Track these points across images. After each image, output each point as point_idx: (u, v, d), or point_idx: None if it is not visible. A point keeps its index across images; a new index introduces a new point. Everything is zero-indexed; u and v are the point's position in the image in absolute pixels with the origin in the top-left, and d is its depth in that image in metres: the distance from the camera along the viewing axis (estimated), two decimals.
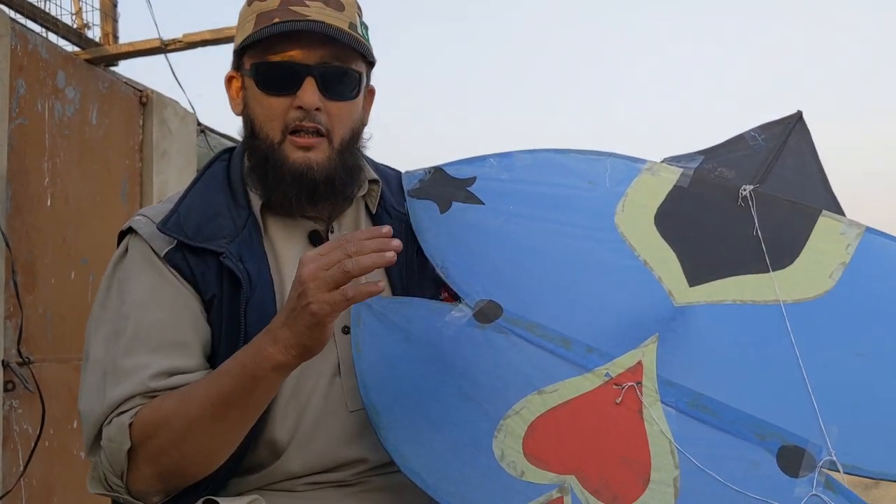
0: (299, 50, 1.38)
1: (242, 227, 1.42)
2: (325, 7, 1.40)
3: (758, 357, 1.36)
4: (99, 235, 3.47)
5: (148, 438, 1.28)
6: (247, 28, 1.42)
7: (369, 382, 1.38)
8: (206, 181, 1.50)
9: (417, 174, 1.63)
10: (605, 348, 1.39)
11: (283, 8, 1.39)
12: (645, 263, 1.49)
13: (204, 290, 1.39)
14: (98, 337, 1.39)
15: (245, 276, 1.37)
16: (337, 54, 1.40)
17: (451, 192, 1.59)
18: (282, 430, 1.39)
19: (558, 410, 1.35)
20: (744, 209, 1.51)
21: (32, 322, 3.06)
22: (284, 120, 1.40)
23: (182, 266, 1.39)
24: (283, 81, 1.40)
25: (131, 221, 1.46)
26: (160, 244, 1.40)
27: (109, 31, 3.72)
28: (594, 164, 1.62)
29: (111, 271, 1.45)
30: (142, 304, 1.37)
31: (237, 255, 1.38)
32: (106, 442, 1.30)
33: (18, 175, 3.05)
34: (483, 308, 1.47)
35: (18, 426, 3.00)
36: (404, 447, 1.33)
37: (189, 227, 1.40)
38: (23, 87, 3.09)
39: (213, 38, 3.67)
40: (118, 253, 1.46)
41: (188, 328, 1.37)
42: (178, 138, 4.06)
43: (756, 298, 1.42)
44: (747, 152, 1.58)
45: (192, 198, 1.46)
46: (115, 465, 1.30)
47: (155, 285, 1.38)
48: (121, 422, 1.29)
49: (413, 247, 1.54)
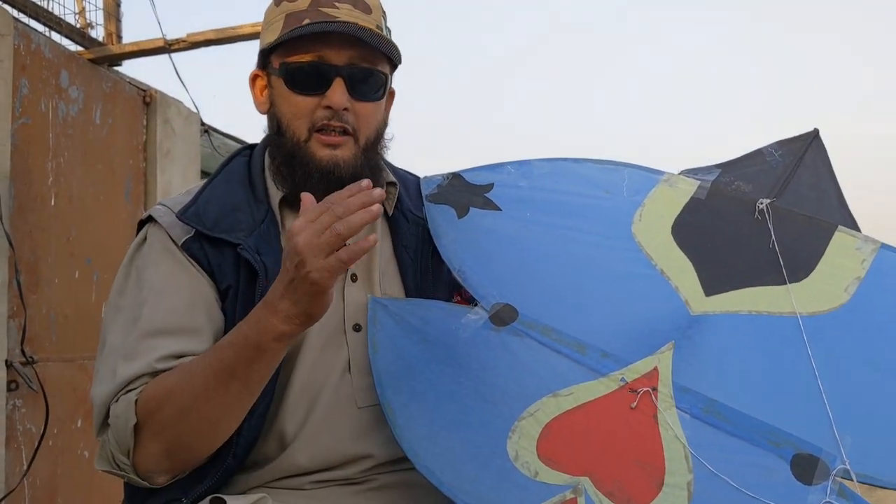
0: (329, 50, 1.41)
1: (261, 221, 1.45)
2: (353, 9, 1.43)
3: (772, 366, 1.39)
4: (103, 235, 3.47)
5: (152, 413, 1.29)
6: (275, 28, 1.44)
7: (385, 381, 1.40)
8: (226, 175, 1.52)
9: (436, 179, 1.65)
10: (620, 354, 1.41)
11: (312, 9, 1.42)
12: (662, 272, 1.52)
13: (220, 279, 1.41)
14: (116, 324, 1.40)
15: (262, 268, 1.39)
16: (365, 55, 1.43)
17: (468, 198, 1.62)
18: (291, 423, 1.40)
19: (573, 413, 1.36)
20: (760, 222, 1.54)
21: (36, 322, 3.06)
22: (312, 118, 1.42)
23: (199, 255, 1.41)
24: (312, 81, 1.42)
25: (151, 210, 1.48)
26: (178, 233, 1.42)
27: (113, 31, 3.72)
28: (612, 174, 1.65)
29: (129, 259, 1.46)
30: (158, 291, 1.39)
31: (254, 248, 1.40)
32: (113, 419, 1.31)
33: (22, 174, 3.05)
34: (499, 311, 1.48)
35: (22, 425, 2.99)
36: (419, 445, 1.34)
37: (208, 218, 1.42)
38: (26, 86, 3.09)
39: (216, 37, 3.67)
40: (137, 241, 1.48)
41: (202, 315, 1.39)
42: (181, 138, 4.06)
43: (772, 309, 1.45)
44: (764, 167, 1.62)
45: (211, 190, 1.48)
46: (121, 443, 1.30)
47: (172, 272, 1.40)
48: (128, 399, 1.30)
49: (428, 251, 1.56)
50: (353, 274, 1.49)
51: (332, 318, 1.45)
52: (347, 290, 1.48)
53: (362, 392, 1.44)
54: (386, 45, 1.43)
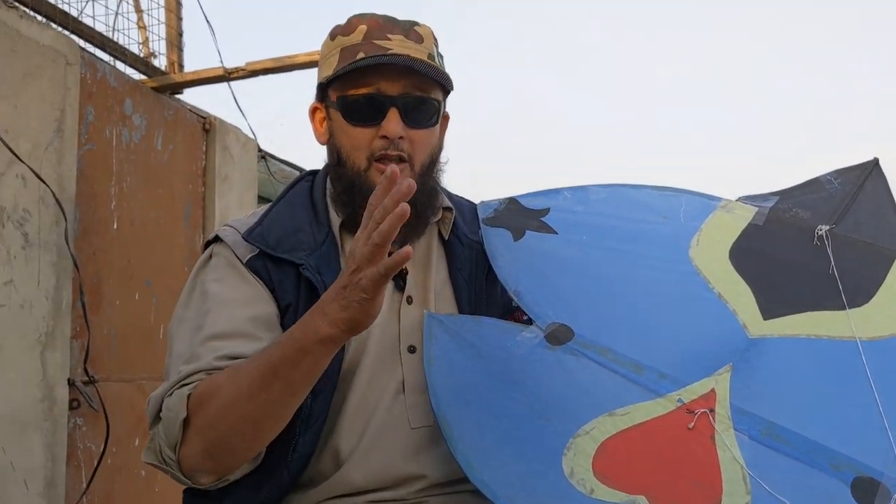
0: (383, 82, 1.45)
1: (322, 242, 1.49)
2: (405, 40, 1.47)
3: (832, 390, 1.39)
4: (162, 258, 3.54)
5: (200, 408, 1.30)
6: (331, 62, 1.49)
7: (441, 395, 1.42)
8: (289, 199, 1.57)
9: (492, 204, 1.68)
10: (677, 375, 1.42)
11: (366, 42, 1.46)
12: (719, 295, 1.52)
13: (281, 296, 1.45)
14: (180, 333, 1.44)
15: (322, 287, 1.42)
16: (418, 84, 1.47)
17: (524, 222, 1.64)
18: (345, 441, 1.43)
19: (629, 432, 1.37)
20: (819, 248, 1.55)
21: (98, 342, 3.12)
22: (370, 148, 1.47)
23: (262, 272, 1.45)
24: (368, 112, 1.47)
25: (218, 230, 1.54)
26: (243, 251, 1.47)
27: (175, 60, 3.82)
28: (669, 200, 1.67)
29: (195, 274, 1.51)
30: (222, 302, 1.43)
31: (315, 268, 1.44)
32: (165, 412, 1.34)
33: (87, 199, 3.14)
34: (554, 331, 1.50)
35: (82, 443, 3.05)
36: (474, 458, 1.35)
37: (271, 239, 1.47)
38: (92, 113, 3.18)
39: (274, 66, 3.74)
40: (203, 258, 1.53)
41: (262, 327, 1.42)
42: (239, 164, 4.14)
43: (831, 334, 1.45)
44: (822, 195, 1.63)
45: (276, 213, 1.53)
46: (169, 437, 1.32)
47: (235, 286, 1.45)
48: (181, 393, 1.33)
49: (483, 274, 1.59)
50: (408, 296, 1.52)
51: (388, 338, 1.49)
52: (403, 312, 1.51)
53: (415, 412, 1.46)
54: (437, 73, 1.47)
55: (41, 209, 2.84)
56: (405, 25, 1.49)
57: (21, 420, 2.73)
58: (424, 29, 1.51)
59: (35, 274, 2.81)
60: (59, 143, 2.93)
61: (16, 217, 2.74)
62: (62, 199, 2.90)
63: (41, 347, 2.82)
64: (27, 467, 2.74)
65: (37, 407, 2.79)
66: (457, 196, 1.70)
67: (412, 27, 1.49)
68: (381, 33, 1.46)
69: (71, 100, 3.01)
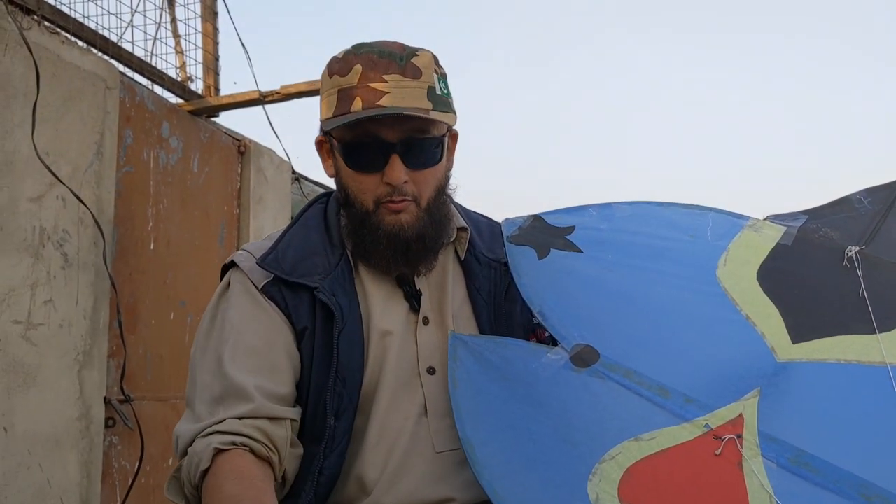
0: (382, 129, 1.43)
1: (335, 265, 1.50)
2: (402, 79, 1.42)
3: (862, 417, 1.36)
4: (196, 279, 3.60)
5: (211, 494, 1.30)
6: (330, 102, 1.46)
7: (465, 417, 1.41)
8: (303, 222, 1.58)
9: (517, 221, 1.66)
10: (704, 399, 1.40)
11: (362, 85, 1.42)
12: (747, 318, 1.50)
13: (297, 321, 1.46)
14: (204, 364, 1.46)
15: (338, 309, 1.44)
16: (417, 127, 1.44)
17: (549, 240, 1.62)
18: (371, 468, 1.43)
19: (655, 458, 1.35)
20: (849, 270, 1.52)
21: (133, 361, 3.17)
22: (376, 193, 1.46)
23: (277, 298, 1.47)
24: (369, 160, 1.46)
25: (234, 256, 1.56)
26: (258, 277, 1.49)
27: (211, 84, 3.88)
28: (696, 218, 1.64)
29: (216, 303, 1.53)
30: (239, 330, 1.45)
31: (330, 291, 1.45)
32: (191, 454, 1.35)
33: (125, 220, 3.20)
34: (580, 352, 1.48)
35: (117, 462, 3.09)
36: (498, 483, 1.34)
37: (286, 264, 1.48)
38: (130, 136, 3.25)
39: (308, 89, 3.80)
40: (222, 286, 1.54)
41: (281, 354, 1.44)
42: (273, 185, 4.19)
43: (861, 359, 1.41)
44: (852, 214, 1.59)
45: (290, 237, 1.54)
46: (192, 478, 1.34)
47: (252, 313, 1.46)
48: (208, 442, 1.34)
49: (502, 293, 1.58)
50: (425, 317, 1.52)
51: (406, 360, 1.49)
52: (420, 334, 1.51)
53: (440, 437, 1.46)
54: (436, 114, 1.43)
55: (80, 230, 2.90)
56: (402, 61, 1.43)
57: (58, 438, 2.77)
58: (423, 58, 1.45)
59: (74, 294, 2.86)
60: (98, 166, 2.99)
61: (56, 238, 2.80)
62: (101, 220, 2.96)
63: (79, 366, 2.87)
64: (63, 485, 2.78)
65: (73, 425, 2.84)
66: (475, 213, 1.70)
67: (409, 60, 1.44)
68: (376, 74, 1.42)
69: (110, 123, 3.08)
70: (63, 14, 3.04)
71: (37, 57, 2.70)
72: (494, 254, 1.61)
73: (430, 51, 1.49)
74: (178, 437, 1.40)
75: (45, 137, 2.76)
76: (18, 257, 2.67)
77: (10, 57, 2.67)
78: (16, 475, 2.62)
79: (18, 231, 2.67)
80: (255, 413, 1.37)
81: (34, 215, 2.73)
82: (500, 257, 1.60)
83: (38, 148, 2.69)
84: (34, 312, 2.71)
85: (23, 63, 2.70)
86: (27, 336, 2.68)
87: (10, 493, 2.59)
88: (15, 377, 2.64)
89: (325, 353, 1.43)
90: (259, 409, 1.37)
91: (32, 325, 2.70)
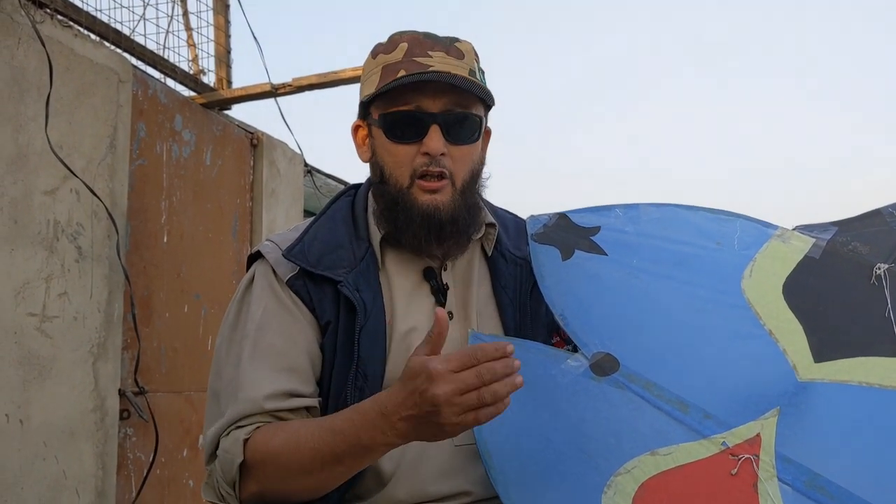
0: (424, 99, 1.45)
1: (361, 258, 1.50)
2: (446, 56, 1.46)
3: (881, 443, 1.33)
4: (210, 272, 3.60)
5: (257, 463, 1.35)
6: (373, 80, 1.49)
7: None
8: (331, 214, 1.58)
9: (542, 219, 1.63)
10: (723, 416, 1.38)
11: (407, 60, 1.46)
12: (770, 333, 1.47)
13: (320, 315, 1.46)
14: (229, 357, 1.47)
15: (361, 304, 1.44)
16: (459, 101, 1.47)
17: (574, 240, 1.59)
18: (388, 461, 1.43)
19: (671, 474, 1.34)
20: (876, 288, 1.48)
21: (148, 354, 3.18)
22: (412, 165, 1.47)
23: (302, 292, 1.47)
24: (410, 130, 1.47)
25: (260, 246, 1.55)
26: (284, 270, 1.48)
27: (223, 77, 3.89)
28: (724, 225, 1.59)
29: (241, 295, 1.53)
30: (260, 327, 1.45)
31: (354, 285, 1.45)
32: (221, 452, 1.38)
33: (138, 213, 3.20)
34: (600, 360, 1.46)
35: (132, 454, 3.11)
36: (513, 489, 1.34)
37: (311, 256, 1.48)
38: (143, 129, 3.25)
39: (319, 81, 3.80)
40: (247, 278, 1.54)
41: (302, 354, 1.44)
42: (286, 178, 4.19)
43: (883, 383, 1.39)
44: (883, 228, 1.55)
45: (316, 229, 1.54)
46: (227, 475, 1.37)
47: (274, 310, 1.47)
48: (236, 436, 1.37)
49: (527, 291, 1.57)
50: (449, 311, 1.52)
51: None
52: None
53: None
54: (478, 89, 1.46)
55: (94, 223, 2.90)
56: (446, 42, 1.48)
57: (73, 429, 2.79)
58: (465, 45, 1.50)
59: (88, 286, 2.87)
60: (111, 159, 3.00)
61: (70, 231, 2.81)
62: (114, 213, 2.97)
63: (93, 358, 2.88)
64: (79, 476, 2.80)
65: (88, 417, 2.85)
66: (501, 210, 1.69)
67: (453, 43, 1.49)
68: (421, 50, 1.46)
69: (123, 116, 3.08)
70: (75, 7, 3.04)
71: (50, 50, 2.70)
72: (521, 251, 1.61)
73: (470, 42, 1.53)
74: (203, 440, 1.44)
75: (58, 131, 2.76)
76: (33, 250, 2.68)
77: (23, 51, 2.68)
78: (31, 467, 2.64)
79: (33, 224, 2.68)
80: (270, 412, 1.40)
81: (48, 208, 2.74)
82: (526, 255, 1.59)
83: (51, 141, 2.69)
84: (49, 305, 2.72)
85: (36, 57, 2.70)
86: (42, 328, 2.69)
87: (26, 485, 2.61)
88: (30, 369, 2.65)
89: (347, 349, 1.44)
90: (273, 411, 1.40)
91: (47, 318, 2.71)
